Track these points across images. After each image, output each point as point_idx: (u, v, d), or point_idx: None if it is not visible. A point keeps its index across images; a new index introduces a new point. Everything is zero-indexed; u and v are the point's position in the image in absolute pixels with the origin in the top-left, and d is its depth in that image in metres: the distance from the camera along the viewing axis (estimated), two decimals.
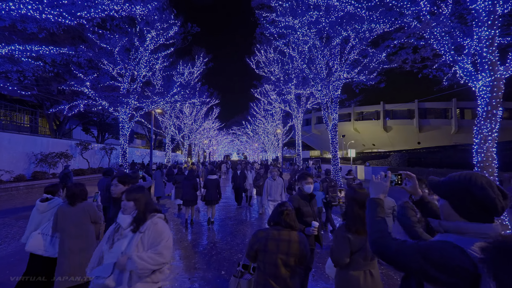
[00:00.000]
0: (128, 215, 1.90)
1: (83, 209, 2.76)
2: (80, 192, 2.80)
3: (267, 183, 5.80)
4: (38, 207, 2.87)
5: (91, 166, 21.07)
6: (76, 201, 2.75)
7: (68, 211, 2.70)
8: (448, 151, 16.60)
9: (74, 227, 2.68)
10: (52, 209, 2.87)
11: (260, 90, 30.43)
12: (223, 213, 8.04)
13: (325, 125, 47.69)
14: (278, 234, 1.96)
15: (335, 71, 13.95)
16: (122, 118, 13.21)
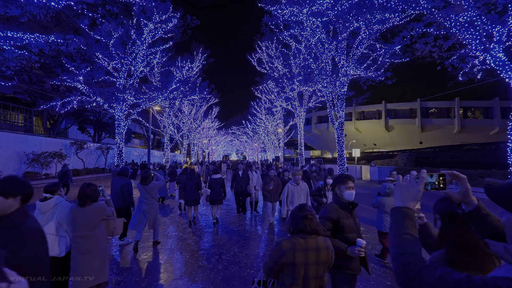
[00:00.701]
0: None
1: (94, 211, 2.71)
2: (91, 192, 2.75)
3: (288, 189, 4.99)
4: (39, 207, 2.77)
5: (86, 166, 20.33)
6: (87, 203, 2.70)
7: (77, 213, 2.66)
8: (455, 151, 16.03)
9: (83, 228, 2.65)
10: (53, 208, 2.77)
11: (261, 88, 29.84)
12: (226, 218, 7.33)
13: (325, 124, 47.08)
14: (305, 243, 1.73)
15: (342, 66, 13.33)
16: (118, 116, 12.51)
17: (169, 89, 11.39)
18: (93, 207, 2.73)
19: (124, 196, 4.90)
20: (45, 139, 17.36)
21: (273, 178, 6.56)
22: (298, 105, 23.15)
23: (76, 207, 2.71)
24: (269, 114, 33.71)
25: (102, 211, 2.79)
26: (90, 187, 2.79)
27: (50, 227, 2.71)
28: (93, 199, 2.78)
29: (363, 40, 11.69)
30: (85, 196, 2.71)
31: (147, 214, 4.68)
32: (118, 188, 4.91)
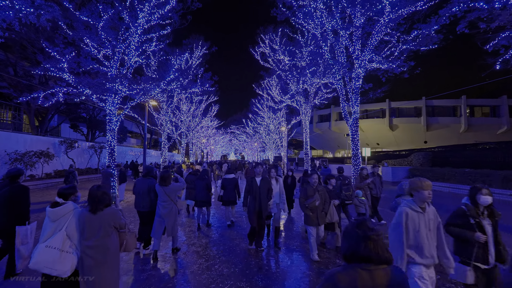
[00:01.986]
0: None
1: (107, 216, 2.46)
2: (103, 196, 2.48)
3: (408, 218, 2.33)
4: (49, 214, 2.40)
5: (77, 166, 18.90)
6: (99, 208, 2.44)
7: (88, 220, 2.42)
8: (471, 150, 14.90)
9: (94, 237, 2.39)
10: (65, 216, 2.42)
11: (264, 85, 28.57)
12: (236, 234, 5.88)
13: (327, 123, 46.02)
14: (370, 276, 1.21)
15: (357, 57, 12.10)
16: (109, 110, 11.15)
17: (167, 79, 10.01)
18: (106, 212, 2.47)
19: (151, 198, 4.50)
20: (30, 137, 15.92)
21: (317, 188, 4.38)
22: (303, 101, 21.91)
23: (87, 213, 2.45)
24: (271, 112, 32.44)
25: (116, 216, 2.52)
26: (101, 189, 2.52)
27: (56, 240, 2.35)
28: (107, 203, 2.50)
29: (384, 25, 10.43)
30: (97, 200, 2.45)
31: (166, 218, 4.29)
32: (144, 190, 4.50)
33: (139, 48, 11.05)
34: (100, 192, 2.49)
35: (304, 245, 5.07)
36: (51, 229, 2.40)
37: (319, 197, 4.35)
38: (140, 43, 10.82)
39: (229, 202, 6.26)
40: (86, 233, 2.40)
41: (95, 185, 2.59)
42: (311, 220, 4.28)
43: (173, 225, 4.37)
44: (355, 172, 13.03)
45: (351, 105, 13.05)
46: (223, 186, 6.27)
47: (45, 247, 2.32)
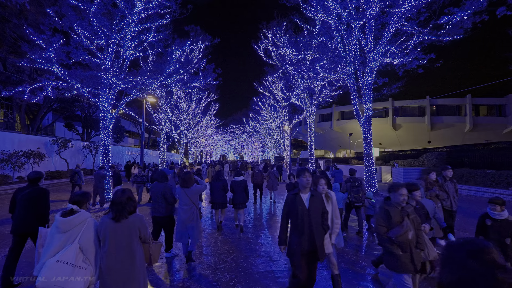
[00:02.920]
0: None
1: (132, 225, 2.20)
2: (128, 202, 2.23)
3: None
4: (59, 224, 2.09)
5: (71, 167, 17.92)
6: (123, 215, 2.19)
7: (111, 229, 2.15)
8: (487, 150, 14.12)
9: (117, 250, 2.13)
10: (78, 226, 2.12)
11: (266, 83, 27.74)
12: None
13: (328, 123, 45.02)
14: None
15: (369, 51, 11.26)
16: (103, 106, 10.22)
17: (166, 71, 9.07)
18: (131, 220, 2.21)
19: (167, 203, 4.22)
20: (19, 136, 14.93)
21: (406, 210, 2.55)
22: (308, 99, 21.07)
23: (108, 221, 2.17)
24: (272, 111, 31.56)
25: (142, 224, 2.26)
26: (126, 194, 2.25)
27: (68, 254, 2.01)
28: (131, 210, 2.24)
29: (403, 13, 9.57)
30: (122, 207, 2.18)
31: (188, 224, 4.04)
32: (158, 194, 4.21)
33: (135, 39, 10.12)
34: (125, 197, 2.23)
35: None
36: (60, 241, 2.09)
37: (411, 224, 2.53)
38: (137, 32, 9.88)
39: (239, 205, 6.10)
40: (108, 244, 2.13)
41: (119, 189, 2.33)
42: (403, 263, 2.48)
43: (197, 230, 4.10)
44: (367, 173, 12.19)
45: (363, 101, 12.21)
46: (232, 189, 6.17)
47: (55, 262, 2.02)
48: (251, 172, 8.64)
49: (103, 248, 2.15)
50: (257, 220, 7.06)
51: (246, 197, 6.16)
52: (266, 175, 9.91)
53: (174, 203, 4.25)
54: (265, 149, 62.75)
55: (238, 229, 6.06)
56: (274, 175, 9.63)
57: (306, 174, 2.74)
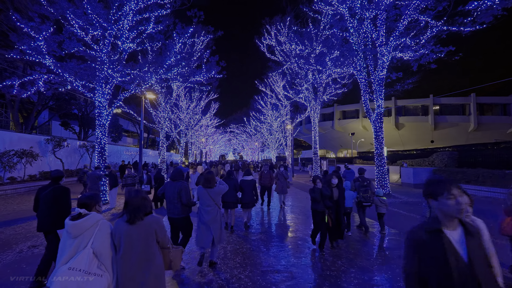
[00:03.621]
0: None
1: (148, 227, 2.05)
2: (143, 202, 2.09)
3: None
4: (69, 228, 1.91)
5: (67, 167, 17.20)
6: (138, 217, 2.03)
7: (126, 232, 1.99)
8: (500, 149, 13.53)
9: (133, 255, 1.97)
10: (89, 230, 1.94)
11: (268, 82, 27.10)
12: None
13: (330, 122, 44.35)
14: None
15: (380, 44, 10.64)
16: (98, 102, 9.55)
17: (166, 63, 8.37)
18: (147, 222, 2.05)
19: (182, 203, 3.96)
20: (11, 135, 14.20)
21: None
22: (312, 97, 20.45)
23: (123, 224, 2.02)
24: (274, 109, 30.91)
25: (159, 226, 2.09)
26: (141, 194, 2.13)
27: (81, 260, 1.83)
28: (147, 211, 2.10)
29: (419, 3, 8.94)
30: (137, 207, 2.04)
31: (211, 225, 3.81)
32: (174, 194, 3.94)
33: (133, 30, 9.43)
34: (140, 197, 2.10)
35: None
36: (72, 247, 1.91)
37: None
38: (135, 22, 9.19)
39: (247, 205, 6.05)
40: (123, 249, 1.98)
41: (134, 189, 2.27)
42: None
43: (220, 232, 3.87)
44: (379, 173, 11.56)
45: (374, 98, 11.59)
46: (241, 189, 6.10)
47: (67, 269, 1.82)
48: (259, 173, 7.89)
49: (118, 254, 1.99)
50: (269, 228, 6.37)
51: (255, 197, 6.17)
52: (274, 176, 8.90)
53: (190, 205, 3.97)
54: (264, 149, 62.12)
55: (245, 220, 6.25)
56: (283, 176, 8.65)
57: (454, 192, 1.36)
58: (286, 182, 8.73)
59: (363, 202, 5.83)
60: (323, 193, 4.47)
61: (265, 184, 8.41)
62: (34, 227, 6.22)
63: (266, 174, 8.46)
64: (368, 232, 5.82)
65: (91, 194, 2.20)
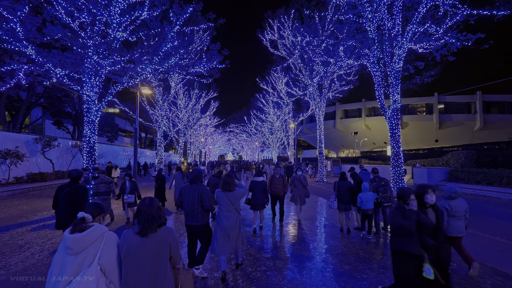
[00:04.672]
0: None
1: (161, 239, 1.78)
2: (157, 212, 1.82)
3: None
4: (71, 243, 1.58)
5: (58, 168, 16.15)
6: (151, 229, 1.76)
7: (137, 246, 1.72)
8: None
9: (143, 272, 1.71)
10: (94, 244, 1.64)
11: (271, 78, 26.14)
12: None
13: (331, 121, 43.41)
14: None
15: (396, 35, 9.71)
16: (87, 96, 8.54)
17: (162, 49, 7.34)
18: (160, 234, 1.78)
19: (204, 208, 3.55)
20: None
21: None
22: (317, 94, 19.50)
23: (133, 236, 1.74)
24: (276, 108, 29.93)
25: (174, 239, 1.84)
26: (156, 202, 1.87)
27: (88, 281, 1.52)
28: (162, 222, 1.83)
29: None
30: (151, 217, 1.77)
31: (231, 232, 3.51)
32: (195, 199, 3.52)
33: (125, 15, 8.41)
34: (155, 206, 1.81)
35: None
36: (74, 265, 1.56)
37: None
38: (127, 6, 8.16)
39: (257, 206, 5.91)
40: (131, 266, 1.69)
41: (147, 196, 1.90)
42: None
43: (239, 238, 3.67)
44: (395, 175, 10.61)
45: (390, 92, 10.63)
46: (251, 189, 5.96)
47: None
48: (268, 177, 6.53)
49: (128, 270, 1.70)
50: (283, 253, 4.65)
51: (266, 199, 5.95)
52: (290, 182, 6.92)
53: (212, 210, 3.68)
54: (264, 149, 61.10)
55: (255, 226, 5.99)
56: (300, 183, 6.63)
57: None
58: (305, 190, 6.71)
59: (384, 202, 5.65)
60: (423, 222, 2.57)
61: (277, 192, 6.55)
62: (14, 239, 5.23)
63: (278, 180, 6.62)
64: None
65: (97, 203, 1.90)
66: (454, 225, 3.73)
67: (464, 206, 3.76)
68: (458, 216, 3.70)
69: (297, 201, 6.58)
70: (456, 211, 3.70)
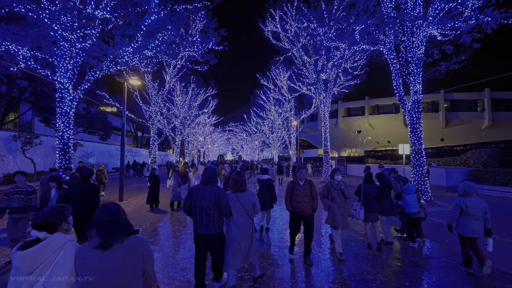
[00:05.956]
0: None
1: (131, 251, 1.45)
2: (124, 219, 1.52)
3: None
4: (18, 263, 1.33)
5: (40, 168, 14.82)
6: (116, 240, 1.43)
7: (97, 264, 1.40)
8: None
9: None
10: (49, 259, 1.35)
11: (272, 74, 24.88)
12: None
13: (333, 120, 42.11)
14: None
15: (417, 17, 8.44)
16: (59, 84, 7.25)
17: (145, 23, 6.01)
18: (128, 245, 1.44)
19: (220, 214, 3.06)
20: None
21: None
22: (323, 89, 18.23)
23: (90, 251, 1.41)
24: (277, 105, 28.65)
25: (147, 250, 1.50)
26: (119, 209, 1.52)
27: None
28: (131, 231, 1.50)
29: None
30: (114, 226, 1.44)
31: (241, 240, 3.09)
32: (210, 203, 3.00)
33: None
34: (119, 212, 1.48)
35: None
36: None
37: None
38: None
39: (264, 206, 5.48)
40: (94, 286, 1.36)
41: (108, 202, 1.55)
42: None
43: (253, 249, 3.15)
44: (416, 175, 9.34)
45: (411, 82, 9.34)
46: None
47: None
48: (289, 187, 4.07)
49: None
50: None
51: (273, 197, 5.54)
52: (321, 194, 4.41)
53: (229, 215, 3.14)
54: (264, 149, 59.81)
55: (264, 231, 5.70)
56: (341, 194, 4.36)
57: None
58: (347, 206, 4.44)
59: None
60: None
61: (302, 209, 3.95)
62: None
63: (304, 188, 3.98)
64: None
65: (56, 207, 1.55)
66: (468, 225, 3.57)
67: (482, 206, 3.57)
68: (474, 215, 3.53)
69: (338, 224, 4.22)
70: (473, 209, 3.54)
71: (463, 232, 3.64)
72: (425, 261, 4.18)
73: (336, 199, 4.30)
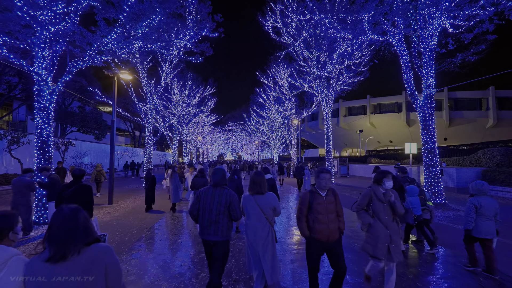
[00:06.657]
0: None
1: (91, 263, 1.22)
2: (83, 224, 1.27)
3: None
4: None
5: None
6: (71, 251, 1.19)
7: (51, 280, 1.16)
8: None
9: None
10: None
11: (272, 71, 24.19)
12: None
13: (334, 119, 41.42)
14: None
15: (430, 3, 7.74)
16: (36, 74, 6.56)
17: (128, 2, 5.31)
18: (88, 255, 1.22)
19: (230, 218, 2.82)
20: None
21: None
22: (325, 86, 17.54)
23: (42, 264, 1.18)
24: (277, 104, 27.93)
25: (112, 261, 1.26)
26: (79, 213, 1.27)
27: None
28: (89, 239, 1.25)
29: None
30: (69, 234, 1.21)
31: (260, 250, 2.80)
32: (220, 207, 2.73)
33: None
34: (79, 216, 1.25)
35: None
36: None
37: None
38: None
39: None
40: None
41: (64, 206, 1.29)
42: None
43: (273, 260, 2.80)
44: (429, 176, 8.62)
45: (423, 75, 8.62)
46: None
47: None
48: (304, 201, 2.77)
49: None
50: None
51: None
52: (358, 205, 3.07)
53: (239, 219, 2.85)
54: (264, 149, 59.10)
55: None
56: (389, 209, 2.89)
57: None
58: (398, 227, 3.05)
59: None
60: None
61: (325, 233, 2.68)
62: None
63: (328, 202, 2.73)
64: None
65: (3, 213, 1.37)
66: (483, 226, 3.49)
67: (495, 206, 3.51)
68: (487, 215, 3.44)
69: (381, 254, 2.80)
70: (486, 209, 3.45)
71: (476, 233, 3.51)
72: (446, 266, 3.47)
73: (380, 216, 2.85)
